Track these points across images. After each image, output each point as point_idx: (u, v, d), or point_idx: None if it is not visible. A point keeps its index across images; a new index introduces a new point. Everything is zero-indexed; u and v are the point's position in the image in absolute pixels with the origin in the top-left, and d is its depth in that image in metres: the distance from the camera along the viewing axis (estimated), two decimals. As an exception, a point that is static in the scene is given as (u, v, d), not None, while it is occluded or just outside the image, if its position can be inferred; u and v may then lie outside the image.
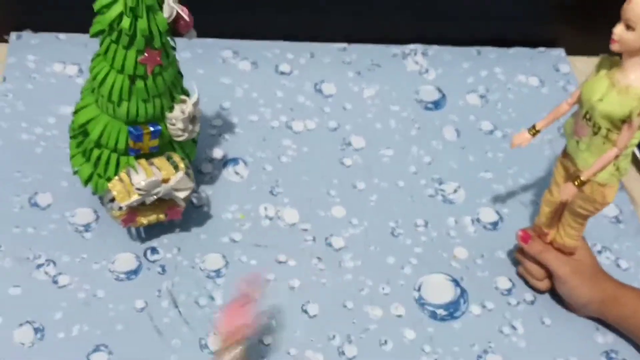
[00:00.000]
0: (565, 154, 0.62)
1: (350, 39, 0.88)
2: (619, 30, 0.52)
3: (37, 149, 0.73)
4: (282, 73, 0.84)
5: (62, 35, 0.83)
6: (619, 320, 0.64)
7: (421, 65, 0.87)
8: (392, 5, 0.86)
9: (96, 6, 0.55)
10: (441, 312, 0.66)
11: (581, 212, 0.62)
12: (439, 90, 0.85)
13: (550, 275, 0.66)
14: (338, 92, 0.83)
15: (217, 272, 0.66)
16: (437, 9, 0.86)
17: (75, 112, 0.63)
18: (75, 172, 0.66)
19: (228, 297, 0.64)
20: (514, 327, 0.66)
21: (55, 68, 0.80)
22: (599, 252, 0.73)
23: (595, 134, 0.56)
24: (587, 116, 0.56)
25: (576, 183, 0.58)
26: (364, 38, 0.88)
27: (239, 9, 0.84)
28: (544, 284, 0.67)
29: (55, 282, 0.64)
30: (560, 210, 0.64)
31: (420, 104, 0.84)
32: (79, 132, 0.63)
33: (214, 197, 0.72)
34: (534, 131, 0.63)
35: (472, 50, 0.89)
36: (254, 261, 0.67)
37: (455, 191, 0.76)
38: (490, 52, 0.89)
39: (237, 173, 0.74)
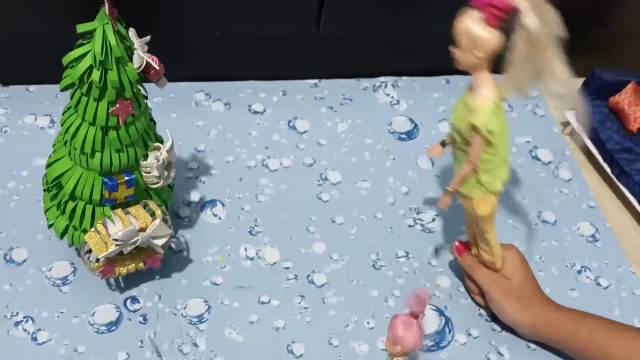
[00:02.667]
0: None
1: (321, 75, 0.89)
2: (453, 49, 0.54)
3: (10, 204, 0.72)
4: (256, 112, 0.85)
5: (33, 87, 0.83)
6: (556, 343, 0.64)
7: (392, 97, 0.88)
8: (360, 39, 0.87)
9: (65, 60, 0.55)
10: (427, 342, 0.66)
11: (475, 224, 0.63)
12: (411, 121, 0.86)
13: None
14: (312, 128, 0.84)
15: (200, 318, 0.65)
16: (404, 42, 0.88)
17: (49, 166, 0.63)
18: (50, 226, 0.65)
19: (212, 343, 0.64)
20: (500, 354, 0.66)
21: (27, 120, 0.80)
22: (579, 271, 0.73)
23: (457, 148, 0.59)
24: (451, 130, 0.59)
25: (445, 194, 0.60)
26: (334, 73, 0.89)
27: (210, 53, 0.85)
28: (481, 300, 0.67)
29: (35, 339, 0.62)
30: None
31: (394, 135, 0.85)
32: (53, 185, 0.62)
33: (193, 240, 0.71)
34: (445, 144, 0.63)
35: (441, 79, 0.91)
36: (237, 303, 0.67)
37: (433, 220, 0.76)
38: (459, 81, 0.91)
39: (215, 215, 0.74)
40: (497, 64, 0.55)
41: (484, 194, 0.59)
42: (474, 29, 0.51)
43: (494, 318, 0.68)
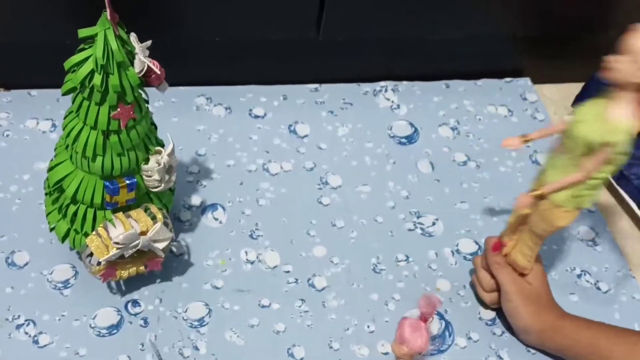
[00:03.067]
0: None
1: (321, 80, 0.89)
2: (617, 59, 0.52)
3: (12, 207, 0.72)
4: (257, 116, 0.85)
5: (34, 92, 0.83)
6: (561, 350, 0.64)
7: (392, 101, 0.89)
8: (360, 44, 0.88)
9: (67, 65, 0.56)
10: (434, 347, 0.66)
11: (535, 230, 0.62)
12: (411, 125, 0.87)
13: (498, 290, 0.66)
14: (312, 132, 0.84)
15: (200, 321, 0.66)
16: (404, 47, 0.89)
17: (50, 169, 0.63)
18: (51, 229, 0.65)
19: (212, 346, 0.64)
20: (500, 357, 0.66)
21: (29, 124, 0.80)
22: (579, 275, 0.74)
23: (563, 153, 0.57)
24: (566, 134, 0.57)
25: (531, 194, 0.59)
26: (335, 78, 0.89)
27: (211, 57, 0.85)
28: (489, 297, 0.67)
29: (36, 342, 0.63)
30: (522, 225, 0.64)
31: (394, 139, 0.85)
32: (55, 189, 0.63)
33: (193, 244, 0.72)
34: (525, 139, 0.62)
35: (441, 84, 0.91)
36: (237, 307, 0.67)
37: (433, 224, 0.76)
38: (459, 85, 0.92)
39: (216, 219, 0.74)
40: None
41: (574, 207, 0.58)
42: None
43: (493, 322, 0.68)
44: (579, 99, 0.88)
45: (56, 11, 0.77)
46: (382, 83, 0.90)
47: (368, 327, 0.67)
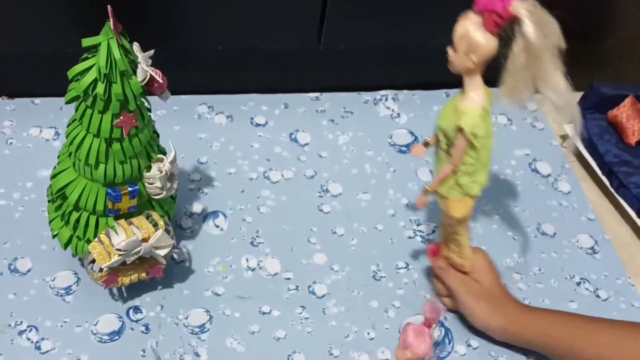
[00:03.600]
0: None
1: (322, 89, 0.90)
2: (449, 51, 0.54)
3: (15, 214, 0.73)
4: (258, 125, 0.86)
5: (38, 100, 0.84)
6: (527, 343, 0.65)
7: (393, 110, 0.89)
8: (361, 53, 0.88)
9: (70, 74, 0.56)
10: (437, 353, 0.66)
11: (447, 225, 0.63)
12: (412, 133, 0.87)
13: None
14: (313, 140, 0.85)
15: (201, 328, 0.66)
16: (404, 56, 0.89)
17: (53, 177, 0.64)
18: (54, 236, 0.66)
19: (213, 353, 0.64)
20: (500, 365, 0.66)
21: (32, 132, 0.81)
22: (578, 283, 0.74)
23: (440, 148, 0.60)
24: (436, 130, 0.60)
25: (423, 192, 0.61)
26: (335, 87, 0.90)
27: (213, 66, 0.86)
28: (448, 302, 0.68)
29: (38, 348, 0.63)
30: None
31: (394, 147, 0.85)
32: (57, 196, 0.63)
33: (195, 251, 0.72)
34: (426, 144, 0.63)
35: (441, 93, 0.92)
36: (238, 314, 0.68)
37: (433, 231, 0.77)
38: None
39: (217, 226, 0.75)
40: (493, 72, 0.55)
41: (461, 196, 0.60)
42: (472, 33, 0.52)
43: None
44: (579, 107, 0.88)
45: (60, 21, 0.78)
46: (383, 92, 0.91)
47: (368, 334, 0.67)
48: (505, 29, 0.52)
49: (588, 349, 0.61)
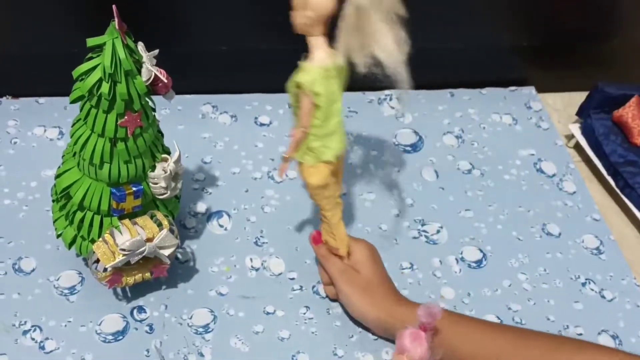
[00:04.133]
0: None
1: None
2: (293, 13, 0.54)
3: (20, 214, 0.73)
4: (262, 124, 0.86)
5: (42, 99, 0.84)
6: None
7: (397, 109, 0.89)
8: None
9: (75, 73, 0.56)
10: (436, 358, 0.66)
11: (313, 199, 0.63)
12: (416, 133, 0.87)
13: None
14: (317, 140, 0.84)
15: (206, 328, 0.66)
16: (409, 56, 0.89)
17: (58, 177, 0.64)
18: (59, 236, 0.66)
19: (217, 353, 0.64)
20: (505, 365, 0.66)
21: (36, 132, 0.81)
22: (583, 284, 0.74)
23: (294, 115, 0.59)
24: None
25: (282, 159, 0.61)
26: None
27: (217, 66, 0.86)
28: (329, 290, 0.68)
29: (42, 347, 0.63)
30: None
31: (398, 147, 0.85)
32: (62, 196, 0.63)
33: (199, 251, 0.72)
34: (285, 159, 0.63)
35: (446, 92, 0.92)
36: (242, 313, 0.67)
37: (438, 231, 0.77)
38: (464, 94, 0.92)
39: (221, 226, 0.75)
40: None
41: (314, 161, 0.60)
42: None
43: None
44: (584, 107, 0.88)
45: (64, 20, 0.78)
46: (387, 91, 0.91)
47: (372, 334, 0.67)
48: None
49: (455, 342, 0.60)
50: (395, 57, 0.55)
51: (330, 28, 0.56)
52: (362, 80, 0.90)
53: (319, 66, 0.56)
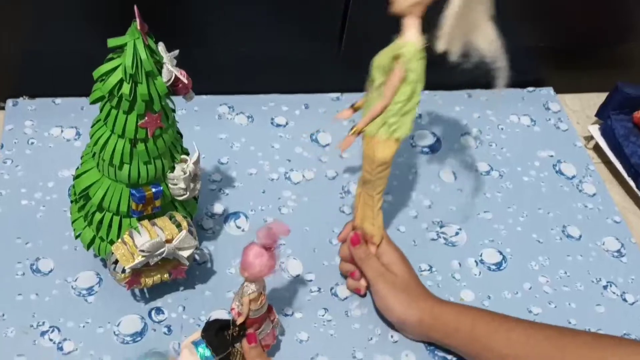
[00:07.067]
0: None
1: (342, 89, 0.89)
2: None
3: (37, 214, 0.73)
4: (278, 125, 0.85)
5: (59, 100, 0.84)
6: (442, 339, 0.63)
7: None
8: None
9: (96, 74, 0.56)
10: (452, 357, 0.65)
11: (366, 176, 0.63)
12: (434, 135, 0.86)
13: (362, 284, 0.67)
14: (334, 141, 0.84)
15: (224, 330, 0.66)
16: (426, 57, 0.88)
17: (77, 177, 0.63)
18: (77, 236, 0.66)
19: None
20: (526, 369, 0.65)
21: (53, 132, 0.81)
22: (605, 287, 0.73)
23: (375, 90, 0.59)
24: (371, 77, 0.60)
25: (350, 133, 0.60)
26: (356, 87, 0.89)
27: (234, 67, 0.86)
28: (344, 267, 0.69)
29: (60, 348, 0.63)
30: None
31: (416, 148, 0.85)
32: (81, 197, 0.63)
33: (216, 252, 0.72)
34: (354, 108, 0.64)
35: (463, 93, 0.91)
36: (260, 316, 0.67)
37: (456, 233, 0.76)
38: (481, 95, 0.91)
39: (238, 227, 0.74)
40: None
41: (387, 136, 0.59)
42: None
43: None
44: (603, 108, 0.87)
45: (83, 20, 0.78)
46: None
47: (392, 336, 0.67)
48: None
49: (504, 349, 0.59)
50: (495, 46, 0.57)
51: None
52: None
53: (418, 43, 0.57)
